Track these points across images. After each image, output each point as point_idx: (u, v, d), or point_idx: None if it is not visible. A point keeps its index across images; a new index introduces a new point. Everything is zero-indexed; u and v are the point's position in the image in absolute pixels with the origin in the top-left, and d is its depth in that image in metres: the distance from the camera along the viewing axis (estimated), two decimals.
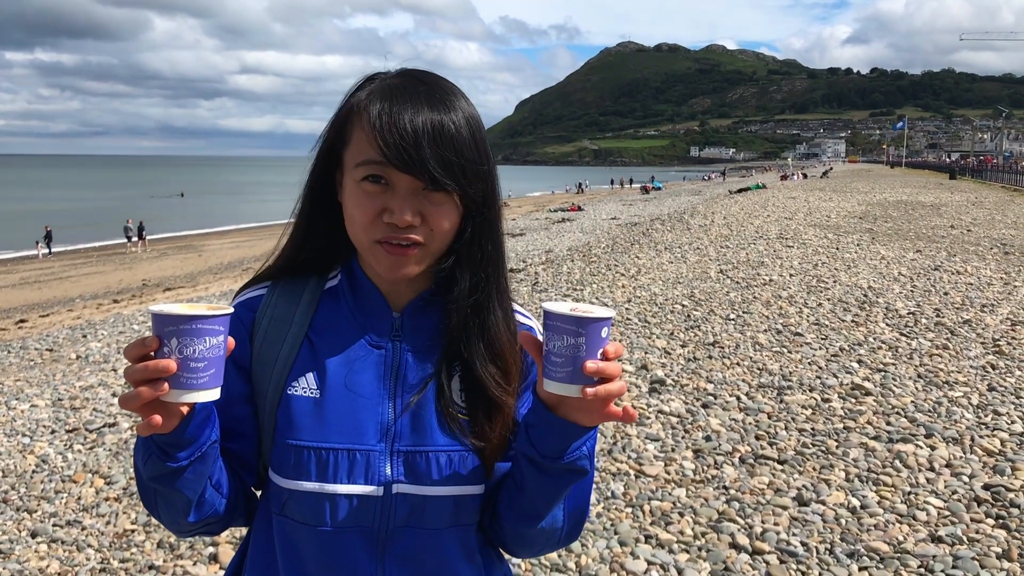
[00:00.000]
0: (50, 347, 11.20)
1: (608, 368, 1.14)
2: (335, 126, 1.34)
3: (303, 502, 1.30)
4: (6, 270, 30.10)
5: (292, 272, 1.41)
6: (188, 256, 31.82)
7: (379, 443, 1.30)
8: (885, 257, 13.76)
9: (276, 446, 1.32)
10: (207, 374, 1.11)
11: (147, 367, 1.08)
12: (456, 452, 1.32)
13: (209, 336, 1.10)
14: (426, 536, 1.32)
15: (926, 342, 7.82)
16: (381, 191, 1.25)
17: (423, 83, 1.30)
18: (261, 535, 1.38)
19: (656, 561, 3.93)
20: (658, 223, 23.04)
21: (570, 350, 1.14)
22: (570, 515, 1.35)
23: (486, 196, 1.32)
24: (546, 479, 1.26)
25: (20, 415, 7.04)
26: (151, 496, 1.27)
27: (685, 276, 12.27)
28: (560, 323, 1.15)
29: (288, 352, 1.34)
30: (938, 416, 5.78)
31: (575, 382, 1.14)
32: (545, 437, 1.22)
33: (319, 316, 1.37)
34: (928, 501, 4.48)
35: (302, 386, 1.32)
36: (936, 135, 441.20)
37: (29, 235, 38.33)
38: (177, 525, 1.31)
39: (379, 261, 1.28)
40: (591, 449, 1.25)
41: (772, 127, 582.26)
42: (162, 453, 1.18)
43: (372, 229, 1.26)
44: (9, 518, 4.78)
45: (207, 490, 1.28)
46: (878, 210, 24.41)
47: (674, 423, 5.79)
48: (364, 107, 1.27)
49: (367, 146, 1.25)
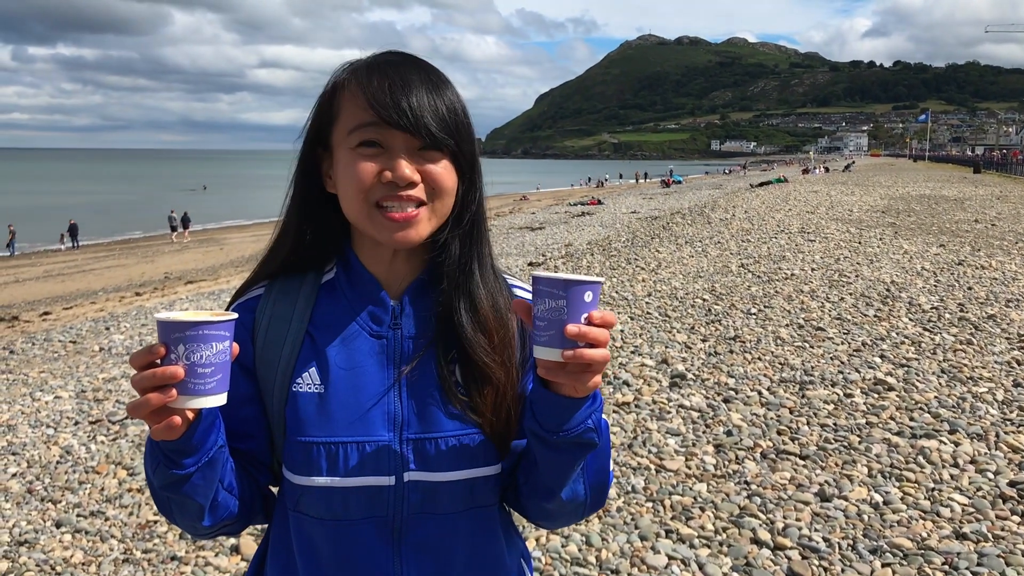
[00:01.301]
0: (73, 339, 11.31)
1: (591, 332, 1.12)
2: (321, 107, 1.34)
3: (316, 497, 1.30)
4: (31, 263, 30.43)
5: (289, 270, 1.41)
6: (210, 249, 32.04)
7: (388, 432, 1.30)
8: (908, 251, 13.63)
9: (287, 444, 1.32)
10: (214, 379, 1.12)
11: (155, 374, 1.09)
12: (465, 435, 1.32)
13: (215, 342, 1.11)
14: (441, 522, 1.33)
15: (950, 337, 7.74)
16: (377, 153, 1.26)
17: (405, 56, 1.33)
18: (279, 531, 1.39)
19: (677, 556, 3.92)
20: (678, 217, 22.93)
21: (553, 313, 1.14)
22: (591, 487, 1.34)
23: (473, 159, 1.34)
24: (555, 454, 1.25)
25: (44, 406, 7.11)
26: (165, 504, 1.28)
27: (706, 270, 12.21)
28: (543, 286, 1.15)
29: (290, 350, 1.34)
30: (962, 412, 5.73)
31: (557, 346, 1.13)
32: (545, 411, 1.21)
33: (318, 311, 1.37)
34: (952, 498, 4.43)
35: (306, 382, 1.32)
36: (960, 128, 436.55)
37: (54, 228, 38.73)
38: (194, 529, 1.32)
39: (381, 228, 1.27)
40: (597, 421, 1.23)
41: (794, 120, 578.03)
42: (169, 461, 1.19)
43: (371, 192, 1.26)
44: (34, 508, 4.83)
45: (219, 493, 1.28)
46: (901, 204, 24.19)
47: (695, 418, 5.77)
48: (351, 79, 1.29)
49: (360, 111, 1.25)
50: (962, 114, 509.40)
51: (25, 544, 4.35)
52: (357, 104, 1.26)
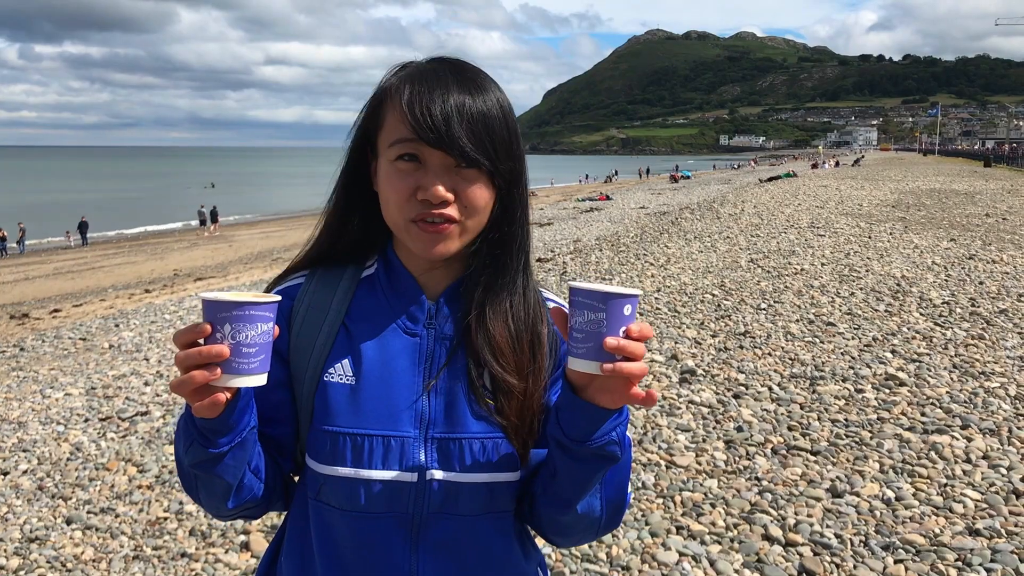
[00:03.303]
0: (83, 336, 11.34)
1: (629, 346, 1.13)
2: (369, 111, 1.35)
3: (338, 487, 1.31)
4: (40, 261, 30.54)
5: (330, 261, 1.43)
6: (219, 246, 32.10)
7: (414, 429, 1.31)
8: (919, 246, 13.57)
9: (313, 431, 1.33)
10: (257, 359, 1.14)
11: (201, 352, 1.11)
12: (489, 439, 1.32)
13: (260, 322, 1.14)
14: (460, 523, 1.33)
15: (961, 332, 7.70)
16: (414, 169, 1.26)
17: (454, 66, 1.32)
18: (298, 520, 1.40)
19: (688, 552, 3.90)
20: (687, 212, 22.88)
21: (591, 325, 1.14)
22: (608, 503, 1.33)
23: (515, 175, 1.34)
24: (576, 464, 1.25)
25: (55, 403, 7.13)
26: (192, 482, 1.30)
27: (715, 265, 12.17)
28: (583, 298, 1.15)
29: (325, 339, 1.36)
30: (974, 407, 5.69)
31: (595, 359, 1.13)
32: (572, 420, 1.21)
33: (356, 304, 1.39)
34: (965, 493, 4.40)
35: (338, 373, 1.34)
36: (970, 122, 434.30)
37: (63, 226, 38.91)
38: (217, 510, 1.34)
39: (415, 241, 1.29)
40: (622, 435, 1.23)
41: (803, 115, 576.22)
42: (204, 439, 1.21)
43: (407, 208, 1.27)
44: (45, 505, 4.84)
45: (246, 475, 1.30)
46: (911, 198, 24.09)
47: (705, 413, 5.74)
48: (396, 89, 1.29)
49: (400, 125, 1.26)
50: (972, 108, 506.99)
51: (36, 541, 4.35)
52: (397, 117, 1.27)
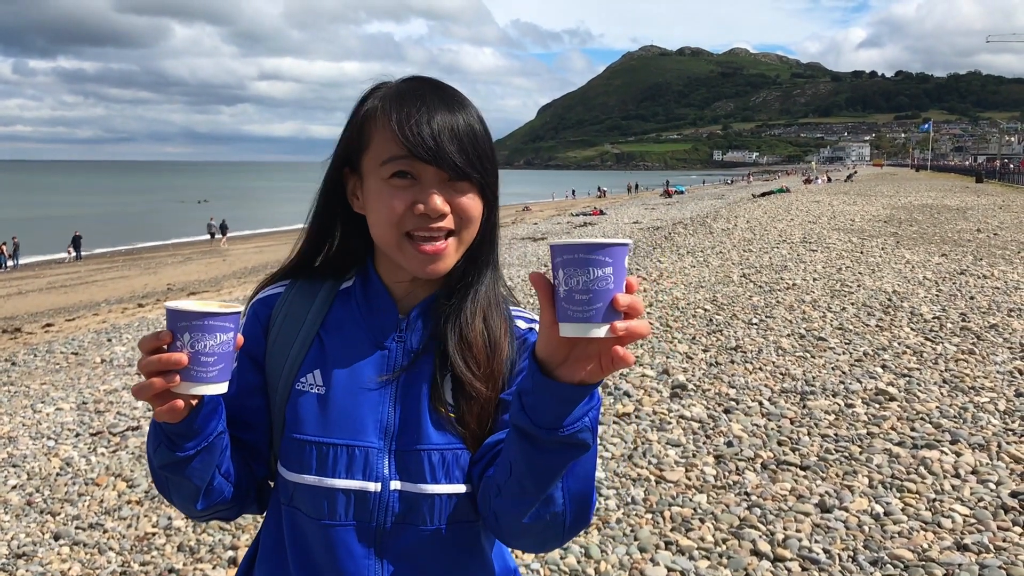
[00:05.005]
0: (75, 351, 11.32)
1: (638, 302, 1.04)
2: (352, 133, 1.38)
3: (306, 495, 1.34)
4: (34, 275, 30.47)
5: (310, 274, 1.47)
6: (212, 261, 32.07)
7: (378, 440, 1.33)
8: (910, 261, 13.62)
9: (284, 439, 1.37)
10: (216, 368, 1.16)
11: (160, 359, 1.14)
12: (449, 450, 1.34)
13: (220, 332, 1.15)
14: (424, 533, 1.34)
15: (952, 347, 7.72)
16: (409, 185, 1.30)
17: (432, 85, 1.36)
18: (272, 525, 1.43)
19: (676, 568, 3.90)
20: (680, 227, 22.94)
21: (599, 283, 1.01)
22: (572, 498, 1.22)
23: (496, 184, 1.39)
24: (540, 455, 1.14)
25: (45, 418, 7.11)
26: (163, 483, 1.34)
27: (707, 280, 12.20)
28: (582, 254, 1.01)
29: (299, 349, 1.40)
30: (964, 422, 5.71)
31: (604, 320, 1.01)
32: (542, 404, 1.11)
33: (331, 315, 1.42)
34: (954, 508, 4.41)
35: (309, 382, 1.37)
36: (962, 138, 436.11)
37: (57, 240, 38.84)
38: (188, 511, 1.38)
39: (410, 259, 1.32)
40: (594, 420, 1.13)
41: (796, 131, 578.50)
42: (170, 443, 1.24)
43: (402, 222, 1.30)
44: (33, 520, 4.82)
45: (215, 478, 1.33)
46: (903, 214, 24.18)
47: (695, 428, 5.75)
48: (381, 110, 1.33)
49: (391, 144, 1.29)
50: (964, 124, 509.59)
51: (23, 557, 4.34)
52: (387, 137, 1.30)
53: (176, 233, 47.40)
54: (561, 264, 1.04)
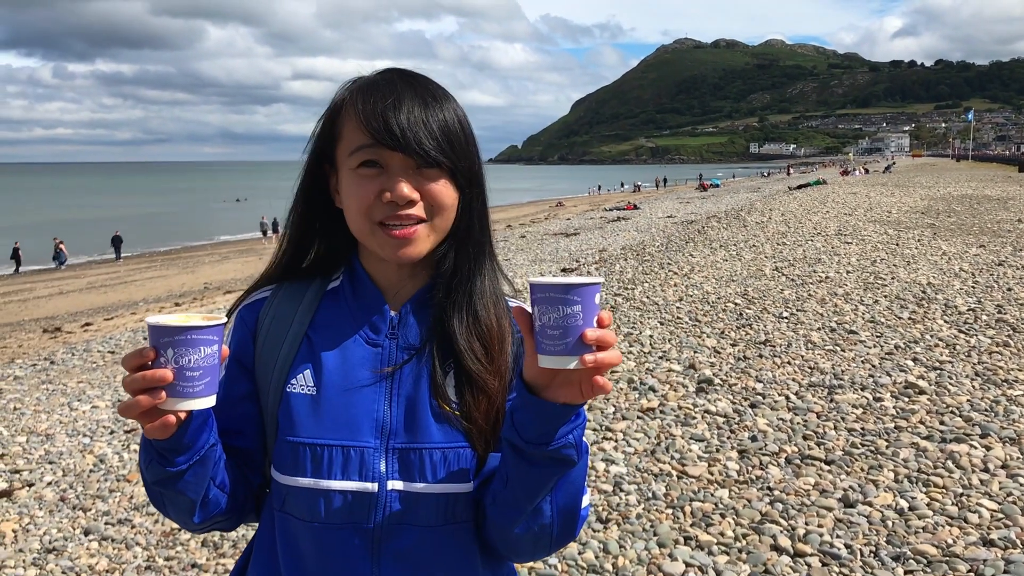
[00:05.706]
0: (112, 349, 11.51)
1: (607, 336, 1.12)
2: (324, 126, 1.37)
3: (300, 498, 1.32)
4: (75, 275, 31.02)
5: (296, 276, 1.45)
6: (249, 259, 32.42)
7: (374, 440, 1.31)
8: (947, 253, 13.40)
9: (278, 443, 1.35)
10: (202, 383, 1.14)
11: (144, 377, 1.11)
12: (451, 449, 1.32)
13: (204, 346, 1.13)
14: (422, 533, 1.32)
15: (986, 339, 7.60)
16: (377, 174, 1.29)
17: (404, 74, 1.35)
18: (265, 531, 1.41)
19: (695, 563, 3.89)
20: (714, 221, 22.76)
21: (569, 320, 1.11)
22: (560, 511, 1.29)
23: (473, 174, 1.36)
24: (530, 468, 1.22)
25: (81, 415, 7.25)
26: (158, 498, 1.31)
27: (739, 274, 12.11)
28: (554, 293, 1.11)
29: (288, 350, 1.37)
30: (995, 415, 5.61)
31: (574, 353, 1.11)
32: (529, 421, 1.19)
33: (320, 315, 1.40)
34: (981, 503, 4.34)
35: (300, 383, 1.35)
36: (1005, 127, 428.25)
37: (98, 241, 39.52)
38: (185, 524, 1.36)
39: (382, 246, 1.31)
40: (578, 438, 1.21)
41: (833, 122, 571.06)
42: (161, 458, 1.22)
43: (372, 211, 1.29)
44: (65, 516, 4.92)
45: (210, 491, 1.31)
46: (941, 204, 23.79)
47: (720, 423, 5.72)
48: (350, 101, 1.32)
49: (358, 133, 1.29)
50: (1007, 112, 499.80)
51: (53, 551, 4.43)
52: (354, 126, 1.29)
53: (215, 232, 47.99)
54: (536, 301, 1.14)
